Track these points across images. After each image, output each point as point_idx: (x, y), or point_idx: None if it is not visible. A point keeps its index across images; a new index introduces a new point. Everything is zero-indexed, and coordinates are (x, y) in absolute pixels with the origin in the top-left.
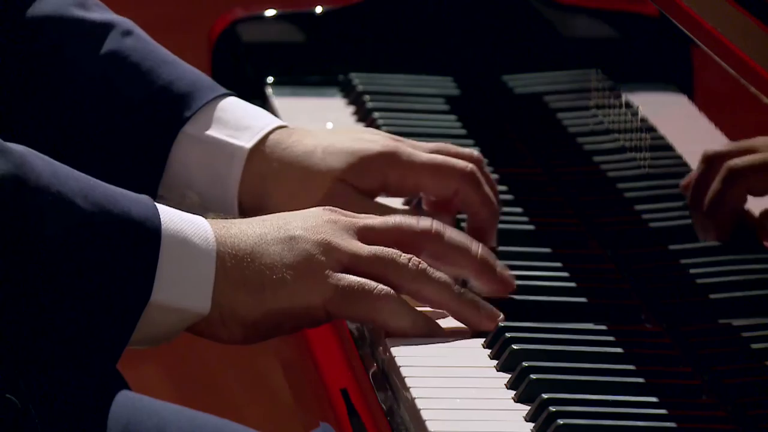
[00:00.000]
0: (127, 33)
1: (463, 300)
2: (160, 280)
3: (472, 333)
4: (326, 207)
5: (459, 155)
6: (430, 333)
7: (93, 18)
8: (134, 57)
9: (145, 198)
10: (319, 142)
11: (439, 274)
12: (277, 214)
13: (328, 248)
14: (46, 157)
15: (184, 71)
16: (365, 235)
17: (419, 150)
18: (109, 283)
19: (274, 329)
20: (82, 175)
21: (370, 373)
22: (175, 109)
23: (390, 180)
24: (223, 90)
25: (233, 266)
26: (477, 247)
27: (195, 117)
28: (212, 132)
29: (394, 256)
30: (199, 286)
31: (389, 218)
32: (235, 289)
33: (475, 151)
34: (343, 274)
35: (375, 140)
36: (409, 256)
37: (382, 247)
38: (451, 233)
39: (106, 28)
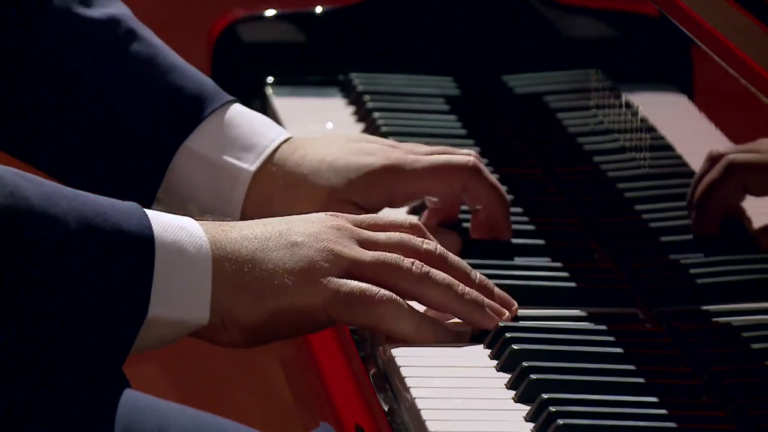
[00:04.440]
0: (130, 33)
1: (467, 300)
2: (156, 294)
3: (473, 334)
4: (329, 213)
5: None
6: (435, 336)
7: (94, 16)
8: (138, 64)
9: (136, 210)
10: (323, 158)
11: (442, 276)
12: (279, 218)
13: (329, 254)
14: (34, 178)
15: (188, 78)
16: (368, 246)
17: (419, 154)
18: (106, 302)
19: (275, 334)
20: (70, 190)
21: (370, 374)
22: (177, 121)
23: (395, 193)
24: (228, 97)
25: (233, 271)
26: (476, 274)
27: (198, 130)
28: (216, 151)
29: (398, 260)
30: (196, 297)
31: (393, 234)
32: (235, 294)
33: (471, 151)
34: (345, 280)
35: (375, 152)
36: (412, 260)
37: (384, 253)
38: (454, 258)
39: (109, 28)
